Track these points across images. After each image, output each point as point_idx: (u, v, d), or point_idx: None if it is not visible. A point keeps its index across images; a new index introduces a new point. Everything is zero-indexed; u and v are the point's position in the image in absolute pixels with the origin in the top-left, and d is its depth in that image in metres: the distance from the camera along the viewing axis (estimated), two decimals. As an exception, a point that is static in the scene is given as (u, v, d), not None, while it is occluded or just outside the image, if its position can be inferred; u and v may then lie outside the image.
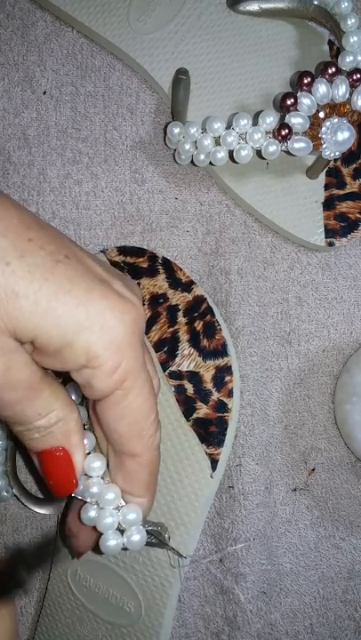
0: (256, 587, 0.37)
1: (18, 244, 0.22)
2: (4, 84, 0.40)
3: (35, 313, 0.22)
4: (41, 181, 0.39)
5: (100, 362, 0.24)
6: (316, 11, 0.37)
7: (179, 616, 0.37)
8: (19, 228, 0.23)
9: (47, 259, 0.23)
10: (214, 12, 0.39)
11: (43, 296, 0.23)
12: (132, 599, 0.35)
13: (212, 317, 0.36)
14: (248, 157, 0.35)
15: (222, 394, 0.36)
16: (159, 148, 0.40)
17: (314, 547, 0.38)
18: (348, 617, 0.37)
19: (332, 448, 0.38)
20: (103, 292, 0.24)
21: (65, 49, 0.41)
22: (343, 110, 0.34)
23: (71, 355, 0.24)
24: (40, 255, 0.23)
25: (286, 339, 0.39)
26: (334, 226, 0.38)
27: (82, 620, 0.36)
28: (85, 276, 0.24)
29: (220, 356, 0.36)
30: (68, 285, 0.23)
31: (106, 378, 0.24)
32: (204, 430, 0.35)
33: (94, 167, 0.40)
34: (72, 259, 0.24)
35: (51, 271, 0.23)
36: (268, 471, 0.38)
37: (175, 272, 0.37)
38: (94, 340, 0.23)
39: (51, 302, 0.23)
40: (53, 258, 0.23)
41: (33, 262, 0.23)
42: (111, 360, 0.24)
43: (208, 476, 0.35)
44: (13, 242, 0.22)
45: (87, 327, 0.23)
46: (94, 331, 0.23)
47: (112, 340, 0.24)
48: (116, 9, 0.39)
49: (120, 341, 0.24)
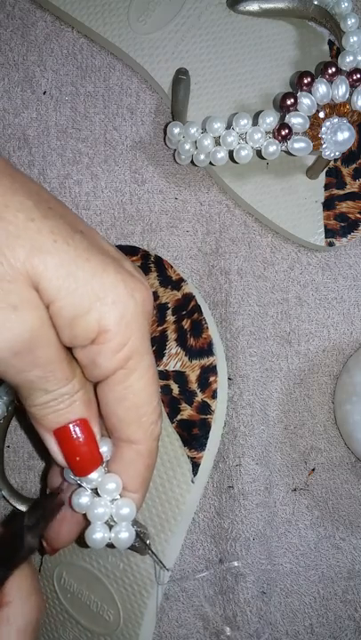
0: (256, 587, 0.37)
1: (41, 206, 0.23)
2: (4, 84, 0.40)
3: (57, 273, 0.23)
4: (41, 181, 0.39)
5: (108, 337, 0.24)
6: (316, 11, 0.37)
7: (178, 616, 0.37)
8: (40, 196, 0.23)
9: (67, 226, 0.23)
10: (214, 11, 0.39)
11: (64, 257, 0.23)
12: (111, 607, 0.34)
13: (200, 315, 0.35)
14: (248, 157, 0.35)
15: (206, 395, 0.35)
16: (159, 148, 0.40)
17: (314, 547, 0.38)
18: (349, 617, 0.37)
19: (332, 448, 0.38)
20: (116, 268, 0.24)
21: (65, 49, 0.41)
22: (343, 110, 0.34)
23: (83, 326, 0.23)
24: (60, 221, 0.23)
25: (286, 339, 0.39)
26: (334, 226, 0.38)
27: (65, 626, 0.35)
28: (100, 250, 0.24)
29: (206, 355, 0.35)
30: (85, 254, 0.23)
31: (112, 355, 0.24)
32: (187, 433, 0.34)
33: (94, 167, 0.40)
34: (87, 234, 0.24)
35: (71, 237, 0.23)
36: (267, 471, 0.38)
37: (166, 270, 0.36)
38: (106, 312, 0.23)
39: (71, 266, 0.23)
40: (73, 227, 0.23)
41: (55, 224, 0.23)
42: (120, 336, 0.24)
43: (189, 481, 0.34)
44: (37, 204, 0.23)
45: (101, 298, 0.23)
46: (107, 303, 0.23)
47: (123, 315, 0.24)
48: (116, 9, 0.39)
49: (130, 318, 0.24)
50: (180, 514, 0.34)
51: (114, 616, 0.34)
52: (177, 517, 0.33)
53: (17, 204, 0.22)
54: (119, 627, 0.34)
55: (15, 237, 0.22)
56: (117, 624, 0.34)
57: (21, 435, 0.38)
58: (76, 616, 0.35)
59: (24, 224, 0.22)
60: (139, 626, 0.34)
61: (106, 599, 0.34)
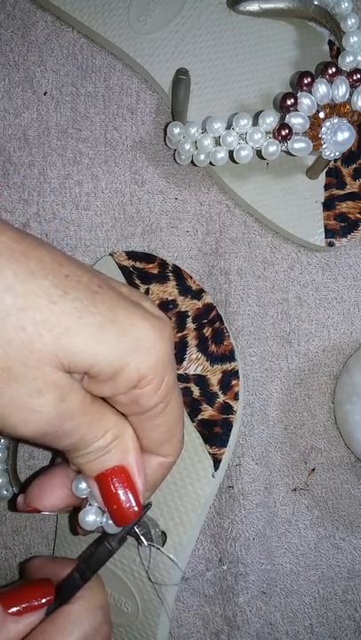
0: (256, 586, 0.37)
1: (58, 282, 0.23)
2: (5, 84, 0.40)
3: (89, 345, 0.23)
4: (41, 182, 0.40)
5: (148, 381, 0.25)
6: (317, 11, 0.37)
7: (178, 616, 0.37)
8: (54, 266, 0.24)
9: (86, 291, 0.24)
10: (214, 12, 0.39)
11: (93, 328, 0.23)
12: (128, 599, 0.35)
13: (221, 324, 0.36)
14: (248, 157, 0.35)
15: (228, 396, 0.36)
16: (159, 149, 0.40)
17: (314, 547, 0.38)
18: (348, 617, 0.37)
19: (332, 448, 0.38)
20: (141, 315, 0.25)
21: (65, 49, 0.41)
22: (343, 110, 0.34)
23: (123, 378, 0.24)
24: (79, 289, 0.24)
25: (286, 339, 0.39)
26: (334, 226, 0.38)
27: None
28: (121, 302, 0.25)
29: (228, 361, 0.36)
30: (110, 315, 0.24)
31: (153, 395, 0.25)
32: (208, 431, 0.36)
33: (95, 168, 0.40)
34: (104, 287, 0.25)
35: (93, 304, 0.24)
36: (267, 471, 0.38)
37: (185, 280, 0.37)
38: (143, 360, 0.25)
39: (100, 333, 0.24)
40: (90, 289, 0.24)
41: (75, 297, 0.23)
42: (158, 377, 0.25)
43: (210, 476, 0.35)
44: (54, 281, 0.23)
45: (136, 350, 0.24)
46: (142, 353, 0.24)
47: (158, 358, 0.25)
48: (116, 9, 0.39)
49: (164, 359, 0.25)
50: (200, 507, 0.35)
51: (132, 607, 0.35)
52: (196, 510, 0.35)
53: (37, 289, 0.23)
54: (138, 617, 0.35)
55: (41, 323, 0.23)
56: (136, 615, 0.35)
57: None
58: None
59: (48, 309, 0.23)
60: (157, 616, 0.35)
61: (123, 592, 0.35)
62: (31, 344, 0.22)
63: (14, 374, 0.23)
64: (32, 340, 0.22)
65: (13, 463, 0.36)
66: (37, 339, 0.23)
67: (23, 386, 0.23)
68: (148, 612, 0.35)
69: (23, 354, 0.22)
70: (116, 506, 0.27)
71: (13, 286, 0.22)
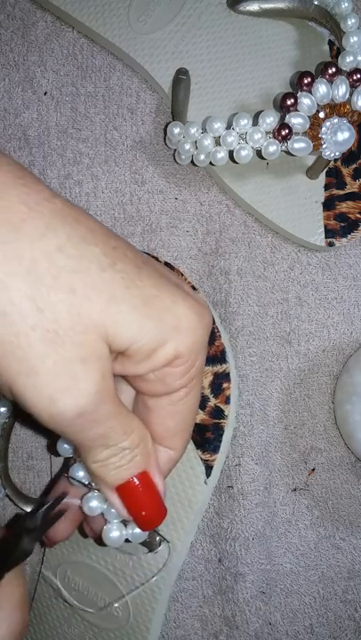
0: (255, 587, 0.37)
1: (107, 251, 0.23)
2: (5, 84, 0.40)
3: (134, 317, 0.23)
4: (41, 181, 0.40)
5: (181, 361, 0.25)
6: (317, 11, 0.37)
7: (176, 617, 0.37)
8: (102, 236, 0.23)
9: (132, 265, 0.24)
10: (215, 11, 0.39)
11: (138, 300, 0.23)
12: (120, 604, 0.35)
13: (213, 324, 0.36)
14: (248, 157, 0.35)
15: (219, 400, 0.36)
16: (159, 148, 0.40)
17: (314, 547, 0.38)
18: (349, 617, 0.37)
19: (332, 448, 0.38)
20: (183, 296, 0.25)
21: (65, 49, 0.41)
22: (343, 110, 0.34)
23: (160, 356, 0.24)
24: (126, 262, 0.23)
25: (286, 339, 0.39)
26: (334, 226, 0.37)
27: (70, 623, 0.36)
28: (164, 280, 0.24)
29: (219, 362, 0.36)
30: (155, 291, 0.24)
31: (181, 376, 0.25)
32: (199, 436, 0.35)
33: (94, 168, 0.40)
34: (148, 264, 0.25)
35: (139, 277, 0.23)
36: (267, 471, 0.38)
37: None
38: (181, 340, 0.24)
39: (145, 307, 0.23)
40: (135, 264, 0.24)
41: (123, 269, 0.23)
42: (191, 360, 0.25)
43: (202, 482, 0.35)
44: (104, 250, 0.23)
45: (176, 328, 0.24)
46: (181, 332, 0.24)
47: (195, 340, 0.25)
48: (116, 9, 0.39)
49: (200, 342, 0.25)
50: (193, 513, 0.35)
51: (122, 612, 0.35)
52: (189, 517, 0.35)
53: (88, 254, 0.22)
54: (128, 621, 0.35)
55: (91, 289, 0.22)
56: (127, 619, 0.35)
57: (21, 435, 0.38)
58: (81, 612, 0.36)
59: (98, 275, 0.22)
60: (149, 620, 0.35)
61: (114, 595, 0.35)
62: (80, 307, 0.22)
63: (61, 336, 0.22)
64: (81, 303, 0.22)
65: (5, 465, 0.36)
66: (86, 303, 0.22)
67: (68, 350, 0.22)
68: (139, 617, 0.35)
69: (72, 316, 0.22)
70: (144, 512, 0.26)
71: (66, 247, 0.22)
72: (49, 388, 0.22)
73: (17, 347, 0.21)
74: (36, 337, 0.21)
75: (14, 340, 0.21)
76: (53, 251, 0.22)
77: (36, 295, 0.21)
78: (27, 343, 0.21)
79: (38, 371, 0.22)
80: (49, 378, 0.22)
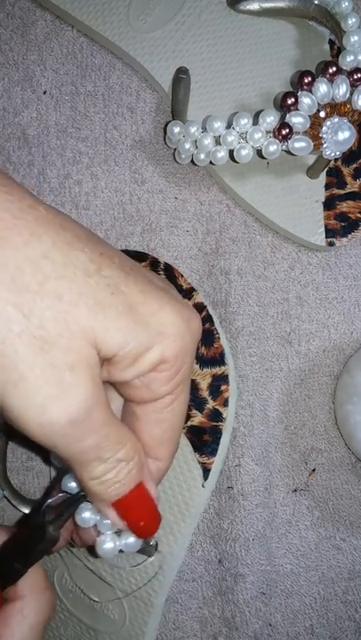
0: (255, 587, 0.37)
1: (94, 257, 0.23)
2: (4, 83, 0.40)
3: (117, 323, 0.23)
4: (41, 181, 0.39)
5: (167, 366, 0.24)
6: (317, 10, 0.37)
7: (175, 618, 0.37)
8: (88, 242, 0.23)
9: (118, 271, 0.24)
10: (215, 10, 0.39)
11: (124, 306, 0.23)
12: (116, 607, 0.35)
13: (211, 325, 0.36)
14: (248, 157, 0.35)
15: (218, 402, 0.35)
16: (159, 148, 0.40)
17: (314, 547, 0.37)
18: (349, 618, 0.37)
19: (332, 448, 0.38)
20: (170, 301, 0.25)
21: (65, 48, 0.40)
22: (344, 110, 0.34)
23: (146, 361, 0.24)
24: (112, 268, 0.23)
25: (286, 339, 0.39)
26: (335, 226, 0.37)
27: (66, 625, 0.36)
28: (151, 286, 0.24)
29: (218, 364, 0.36)
30: (141, 297, 0.24)
31: (167, 382, 0.25)
32: (197, 439, 0.35)
33: (94, 167, 0.40)
34: (135, 270, 0.24)
35: (125, 283, 0.23)
36: (267, 471, 0.38)
37: (176, 278, 0.36)
38: (167, 346, 0.24)
39: (131, 313, 0.23)
40: (122, 270, 0.24)
41: (109, 274, 0.23)
42: (176, 365, 0.25)
43: (200, 486, 0.35)
44: (90, 256, 0.23)
45: (161, 334, 0.24)
46: (167, 337, 0.24)
47: (181, 345, 0.25)
48: (116, 8, 0.39)
49: (186, 348, 0.25)
50: (190, 516, 0.34)
51: (119, 615, 0.35)
52: (186, 520, 0.34)
53: (74, 260, 0.22)
54: (124, 625, 0.35)
55: (77, 295, 0.22)
56: (123, 623, 0.35)
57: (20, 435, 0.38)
58: (79, 615, 0.36)
59: (83, 281, 0.22)
60: (145, 624, 0.35)
61: (109, 598, 0.35)
62: (67, 313, 0.22)
63: (48, 343, 0.21)
64: (68, 309, 0.22)
65: (3, 466, 0.36)
66: (73, 309, 0.22)
67: (56, 357, 0.22)
68: (135, 620, 0.35)
69: (58, 323, 0.22)
70: (142, 522, 0.26)
71: (51, 254, 0.22)
72: (38, 395, 0.21)
73: (3, 355, 0.21)
74: (23, 344, 0.21)
75: (1, 348, 0.21)
76: (38, 257, 0.22)
77: (21, 302, 0.21)
78: (13, 351, 0.21)
79: (27, 378, 0.21)
80: (38, 385, 0.21)
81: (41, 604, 0.28)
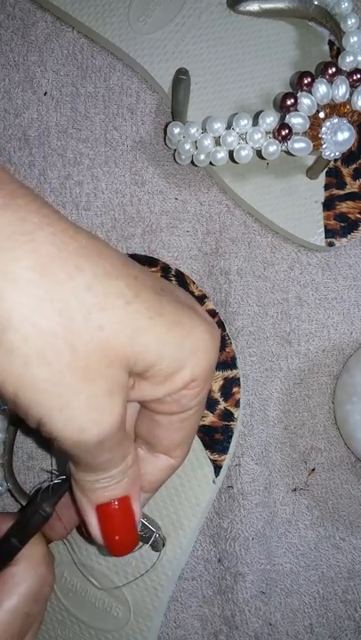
0: (255, 586, 0.37)
1: (130, 282, 0.24)
2: (5, 84, 0.40)
3: (157, 345, 0.24)
4: (41, 182, 0.40)
5: (197, 384, 0.25)
6: (317, 11, 0.37)
7: (176, 617, 0.37)
8: (124, 268, 0.24)
9: (152, 293, 0.24)
10: (214, 12, 0.39)
11: (162, 329, 0.24)
12: (120, 603, 0.35)
13: (223, 331, 0.37)
14: (248, 157, 0.35)
15: (229, 404, 0.36)
16: (159, 149, 0.40)
17: (314, 547, 0.38)
18: (348, 617, 0.37)
19: (332, 448, 0.38)
20: (200, 320, 0.25)
21: (65, 49, 0.41)
22: (343, 110, 0.34)
23: (178, 379, 0.25)
24: (147, 291, 0.24)
25: (286, 339, 0.39)
26: (334, 226, 0.37)
27: (64, 625, 0.36)
28: (180, 305, 0.25)
29: (229, 367, 0.36)
30: (176, 317, 0.24)
31: (195, 397, 0.26)
32: (208, 437, 0.36)
33: (95, 168, 0.40)
34: (166, 290, 0.25)
35: (160, 305, 0.24)
36: (267, 471, 0.38)
37: (188, 285, 0.37)
38: (198, 364, 0.25)
39: (167, 335, 0.24)
40: (155, 292, 0.24)
41: (146, 299, 0.24)
42: (204, 382, 0.26)
43: (211, 482, 0.35)
44: (127, 282, 0.24)
45: (194, 352, 0.25)
46: (199, 355, 0.25)
47: (210, 362, 0.26)
48: (116, 9, 0.39)
49: (213, 365, 0.26)
50: (200, 512, 0.35)
51: (123, 611, 0.35)
52: (196, 515, 0.35)
53: (114, 290, 0.23)
54: (129, 621, 0.35)
55: (118, 323, 0.23)
56: (127, 619, 0.35)
57: (20, 435, 0.38)
58: (78, 614, 0.36)
59: (123, 309, 0.23)
60: (150, 619, 0.35)
61: (114, 596, 0.35)
62: (107, 342, 0.23)
63: (91, 373, 0.23)
64: (109, 338, 0.23)
65: (9, 458, 0.36)
66: (113, 338, 0.23)
67: (98, 385, 0.23)
68: (140, 616, 0.35)
69: (100, 352, 0.23)
70: (118, 537, 0.27)
71: (93, 285, 0.23)
72: (80, 420, 0.23)
73: (52, 384, 0.22)
74: (70, 374, 0.22)
75: (50, 377, 0.22)
76: (82, 290, 0.22)
77: (68, 335, 0.22)
78: (61, 380, 0.22)
79: (72, 405, 0.22)
80: (81, 411, 0.23)
81: (34, 576, 0.29)
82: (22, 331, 0.21)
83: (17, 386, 0.22)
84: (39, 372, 0.22)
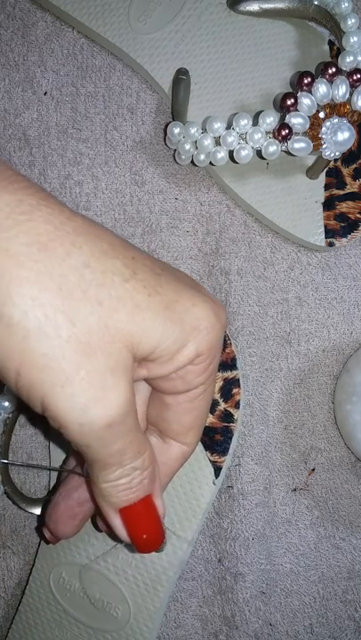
0: (255, 586, 0.37)
1: (128, 262, 0.24)
2: (5, 84, 0.40)
3: (155, 324, 0.24)
4: (42, 182, 0.40)
5: (202, 359, 0.26)
6: (317, 11, 0.37)
7: (176, 617, 0.37)
8: (121, 248, 0.24)
9: (151, 273, 0.25)
10: (214, 12, 0.39)
11: (160, 306, 0.24)
12: (120, 604, 0.35)
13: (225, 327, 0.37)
14: (248, 157, 0.35)
15: (229, 404, 0.36)
16: (159, 149, 0.40)
17: (314, 547, 0.38)
18: (348, 617, 0.37)
19: (332, 448, 0.38)
20: (202, 297, 0.26)
21: (65, 49, 0.41)
22: (343, 110, 0.34)
23: (183, 356, 0.25)
24: (145, 270, 0.24)
25: (286, 339, 0.39)
26: (334, 226, 0.37)
27: (61, 626, 0.36)
28: (182, 285, 0.25)
29: (229, 368, 0.36)
30: (174, 295, 0.25)
31: (201, 373, 0.26)
32: (208, 438, 0.36)
33: (95, 168, 0.40)
34: (165, 270, 0.26)
35: (158, 284, 0.24)
36: (267, 471, 0.38)
37: None
38: (202, 340, 0.25)
39: (167, 312, 0.24)
40: (154, 272, 0.25)
41: (143, 277, 0.24)
42: (210, 358, 0.26)
43: (211, 483, 0.35)
44: (124, 261, 0.24)
45: (196, 329, 0.25)
46: (201, 332, 0.25)
47: (214, 339, 0.26)
48: (116, 9, 0.39)
49: (217, 341, 0.26)
50: (201, 512, 0.35)
51: (122, 612, 0.35)
52: (197, 516, 0.35)
53: (111, 267, 0.23)
54: (129, 622, 0.35)
55: (117, 300, 0.23)
56: (127, 620, 0.35)
57: (20, 435, 0.38)
58: (77, 615, 0.35)
59: (121, 286, 0.23)
60: (151, 620, 0.35)
61: (113, 596, 0.35)
62: (108, 318, 0.23)
63: (92, 347, 0.23)
64: (108, 314, 0.23)
65: (7, 438, 0.36)
66: (113, 313, 0.23)
67: (99, 361, 0.23)
68: (140, 617, 0.35)
69: (100, 327, 0.23)
70: (145, 535, 0.27)
71: (91, 262, 0.23)
72: (82, 397, 0.23)
73: (52, 359, 0.22)
74: (70, 349, 0.22)
75: (50, 352, 0.22)
76: (80, 266, 0.23)
77: (67, 309, 0.22)
78: (62, 355, 0.22)
79: (72, 381, 0.22)
80: (82, 387, 0.23)
81: None
82: (22, 304, 0.22)
83: (18, 362, 0.22)
84: (39, 347, 0.22)
